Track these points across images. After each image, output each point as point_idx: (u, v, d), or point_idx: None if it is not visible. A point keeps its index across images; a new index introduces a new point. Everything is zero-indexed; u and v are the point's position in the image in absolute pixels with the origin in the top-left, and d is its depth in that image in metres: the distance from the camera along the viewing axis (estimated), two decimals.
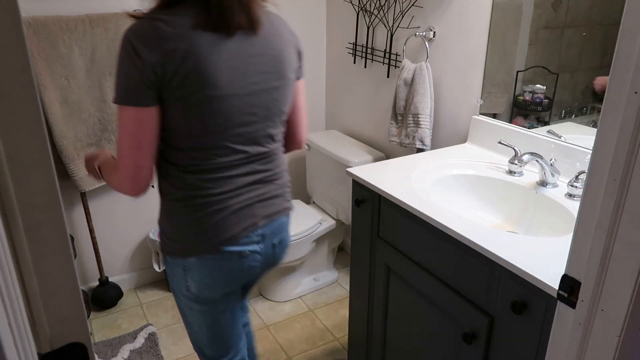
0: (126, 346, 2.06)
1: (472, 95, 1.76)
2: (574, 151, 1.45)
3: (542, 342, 1.03)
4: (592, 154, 0.71)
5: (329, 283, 2.51)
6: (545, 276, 1.00)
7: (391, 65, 2.13)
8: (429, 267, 1.34)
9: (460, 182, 1.54)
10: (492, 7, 1.62)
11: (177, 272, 1.18)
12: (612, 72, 0.66)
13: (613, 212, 0.68)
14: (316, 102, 2.68)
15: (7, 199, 0.45)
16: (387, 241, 1.48)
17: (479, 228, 1.19)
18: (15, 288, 0.44)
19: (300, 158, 2.74)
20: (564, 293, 0.78)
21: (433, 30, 1.86)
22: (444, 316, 1.32)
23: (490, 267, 1.14)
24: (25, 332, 0.45)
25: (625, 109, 0.64)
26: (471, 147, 1.75)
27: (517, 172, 1.50)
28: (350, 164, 2.13)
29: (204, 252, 1.12)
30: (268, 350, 2.08)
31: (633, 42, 0.63)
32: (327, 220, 2.38)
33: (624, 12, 0.64)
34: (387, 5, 2.06)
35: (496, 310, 1.15)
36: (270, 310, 2.32)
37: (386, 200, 1.43)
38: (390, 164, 1.62)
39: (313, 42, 2.54)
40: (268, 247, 1.22)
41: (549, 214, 1.37)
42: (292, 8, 2.40)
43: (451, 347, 1.32)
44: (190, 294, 1.20)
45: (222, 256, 1.13)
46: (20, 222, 0.46)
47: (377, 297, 1.58)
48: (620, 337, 0.70)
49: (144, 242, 2.40)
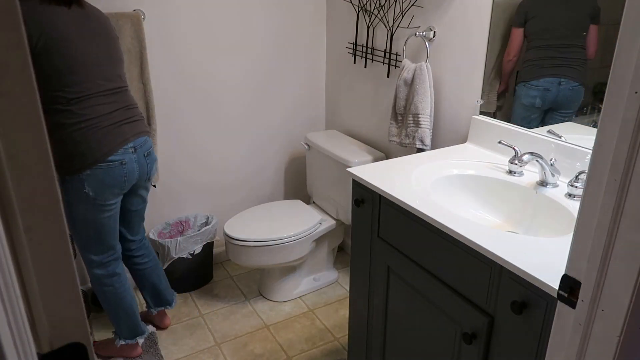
0: None
1: (472, 95, 1.76)
2: (574, 151, 1.45)
3: (542, 342, 1.03)
4: (592, 154, 0.71)
5: (329, 283, 2.51)
6: (545, 276, 1.00)
7: (391, 65, 2.13)
8: (429, 267, 1.34)
9: (460, 182, 1.54)
10: (492, 7, 1.62)
11: (76, 185, 1.63)
12: (612, 72, 0.66)
13: (613, 212, 0.68)
14: (316, 102, 2.68)
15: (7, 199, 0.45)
16: (387, 241, 1.48)
17: (479, 228, 1.19)
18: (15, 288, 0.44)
19: (300, 158, 2.75)
20: (564, 293, 0.78)
21: (433, 30, 1.86)
22: (444, 316, 1.32)
23: (490, 267, 1.14)
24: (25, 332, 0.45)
25: (625, 109, 0.64)
26: (471, 147, 1.75)
27: (517, 172, 1.50)
28: (350, 164, 2.13)
29: (94, 164, 1.62)
30: (268, 350, 2.08)
31: (633, 42, 0.63)
32: (327, 220, 2.38)
33: (624, 12, 0.64)
34: (387, 5, 2.06)
35: (496, 310, 1.15)
36: (270, 310, 2.32)
37: (386, 200, 1.43)
38: (390, 164, 1.62)
39: (313, 42, 2.54)
40: (141, 157, 1.74)
41: (549, 214, 1.37)
42: (292, 8, 2.40)
43: (451, 347, 1.32)
44: (89, 198, 1.66)
45: (107, 165, 1.64)
46: (20, 222, 0.46)
47: (377, 297, 1.58)
48: (620, 337, 0.70)
49: None
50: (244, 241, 2.15)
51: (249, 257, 2.18)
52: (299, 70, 2.57)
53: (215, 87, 2.37)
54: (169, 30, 2.17)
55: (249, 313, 2.30)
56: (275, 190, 2.76)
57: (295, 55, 2.53)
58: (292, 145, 2.69)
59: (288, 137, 2.67)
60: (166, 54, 2.19)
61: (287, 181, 2.77)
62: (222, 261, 2.68)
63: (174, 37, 2.19)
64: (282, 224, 2.26)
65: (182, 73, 2.26)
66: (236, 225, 2.23)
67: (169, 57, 2.21)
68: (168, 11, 2.14)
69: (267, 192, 2.73)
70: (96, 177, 1.64)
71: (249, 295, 2.43)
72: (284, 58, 2.49)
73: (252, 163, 2.61)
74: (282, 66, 2.51)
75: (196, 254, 2.35)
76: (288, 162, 2.73)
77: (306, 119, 2.69)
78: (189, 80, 2.29)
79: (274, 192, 2.76)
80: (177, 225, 2.46)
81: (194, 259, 2.35)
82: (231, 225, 2.23)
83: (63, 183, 1.65)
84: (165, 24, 2.16)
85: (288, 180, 2.77)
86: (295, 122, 2.67)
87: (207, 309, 2.33)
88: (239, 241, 2.15)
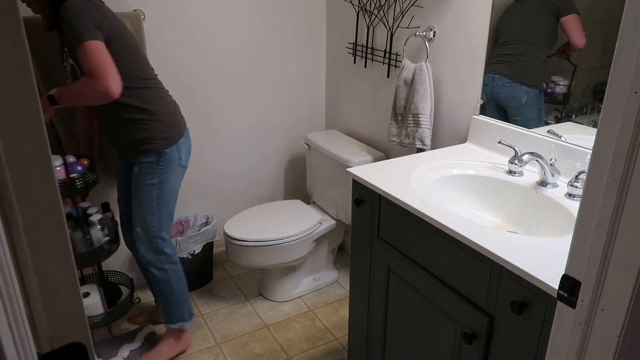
0: (126, 346, 2.06)
1: (472, 95, 1.76)
2: (574, 151, 1.45)
3: (542, 342, 1.03)
4: (592, 154, 0.71)
5: (329, 283, 2.51)
6: (545, 276, 1.00)
7: (391, 65, 2.13)
8: (429, 267, 1.34)
9: (460, 182, 1.54)
10: (492, 7, 1.62)
11: (174, 154, 1.79)
12: (612, 72, 0.66)
13: (613, 212, 0.68)
14: (316, 102, 2.68)
15: (7, 199, 0.45)
16: (387, 241, 1.48)
17: (479, 228, 1.19)
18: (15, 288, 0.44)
19: (301, 158, 2.75)
20: (564, 293, 0.78)
21: (433, 30, 1.86)
22: (444, 316, 1.32)
23: (490, 267, 1.14)
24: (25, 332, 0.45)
25: (625, 109, 0.64)
26: (471, 147, 1.75)
27: (517, 172, 1.50)
28: (350, 164, 2.13)
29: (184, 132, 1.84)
30: (268, 350, 2.08)
31: (633, 42, 0.63)
32: (327, 220, 2.38)
33: (624, 12, 0.64)
34: (387, 5, 2.06)
35: (496, 310, 1.15)
36: (270, 310, 2.32)
37: (386, 200, 1.43)
38: (390, 164, 1.62)
39: (313, 42, 2.54)
40: None
41: (549, 214, 1.37)
42: (292, 8, 2.40)
43: (451, 347, 1.32)
44: (181, 165, 1.83)
45: (187, 132, 1.87)
46: (20, 222, 0.46)
47: (377, 297, 1.58)
48: (620, 337, 0.70)
49: None
50: (244, 241, 2.15)
51: (249, 257, 2.18)
52: (299, 70, 2.57)
53: (214, 87, 2.37)
54: (169, 31, 2.17)
55: (249, 313, 2.30)
56: (275, 190, 2.76)
57: (295, 55, 2.53)
58: (292, 145, 2.69)
59: (288, 137, 2.67)
60: (166, 55, 2.19)
61: (287, 181, 2.77)
62: (222, 261, 2.68)
63: (174, 38, 2.19)
64: (282, 224, 2.26)
65: (181, 74, 2.26)
66: (236, 225, 2.23)
67: (169, 58, 2.21)
68: (168, 11, 2.14)
69: (267, 192, 2.73)
70: (186, 144, 1.84)
71: (249, 295, 2.43)
72: (284, 58, 2.49)
73: (252, 163, 2.61)
74: (282, 66, 2.51)
75: (196, 254, 2.35)
76: (288, 162, 2.73)
77: (306, 119, 2.69)
78: (188, 81, 2.29)
79: (274, 192, 2.76)
80: (177, 225, 2.46)
81: (194, 259, 2.35)
82: (231, 225, 2.23)
83: (159, 160, 1.77)
84: (165, 24, 2.16)
85: (288, 180, 2.77)
86: (295, 122, 2.67)
87: (207, 309, 2.33)
88: (239, 241, 2.15)
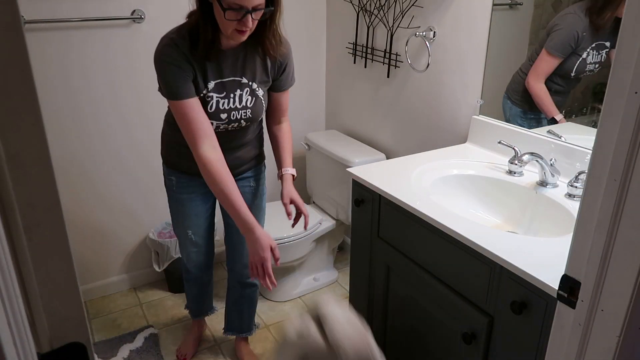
0: (126, 346, 2.06)
1: (472, 95, 1.76)
2: (574, 151, 1.45)
3: (542, 342, 1.03)
4: (592, 154, 0.71)
5: (329, 283, 2.51)
6: (545, 276, 1.00)
7: (391, 65, 2.12)
8: (429, 267, 1.34)
9: (460, 182, 1.54)
10: (492, 7, 1.62)
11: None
12: (612, 72, 0.66)
13: (613, 212, 0.68)
14: (316, 102, 2.68)
15: (7, 199, 0.45)
16: (387, 241, 1.48)
17: (479, 228, 1.20)
18: (15, 288, 0.44)
19: (300, 158, 2.74)
20: (564, 293, 0.78)
21: (433, 30, 1.86)
22: (444, 316, 1.32)
23: (490, 267, 1.14)
24: (25, 332, 0.45)
25: (625, 109, 0.64)
26: (471, 147, 1.75)
27: (517, 172, 1.50)
28: (350, 164, 2.13)
29: None
30: (268, 350, 2.08)
31: (633, 42, 0.63)
32: (327, 220, 2.38)
33: (624, 12, 0.64)
34: (387, 5, 2.06)
35: (496, 310, 1.15)
36: (270, 310, 2.32)
37: (386, 200, 1.43)
38: (390, 164, 1.62)
39: (313, 42, 2.54)
40: None
41: (549, 214, 1.37)
42: (292, 8, 2.40)
43: (451, 347, 1.32)
44: None
45: None
46: (20, 222, 0.46)
47: (377, 297, 1.58)
48: (620, 337, 0.70)
49: (144, 242, 2.40)
50: None
51: None
52: (299, 70, 2.56)
53: None
54: None
55: None
56: (275, 190, 2.76)
57: (295, 55, 2.52)
58: None
59: None
60: None
61: None
62: (222, 261, 2.68)
63: None
64: (281, 224, 2.26)
65: None
66: None
67: None
68: (168, 11, 2.14)
69: (267, 192, 2.73)
70: None
71: None
72: None
73: None
74: None
75: None
76: None
77: (306, 119, 2.69)
78: None
79: (274, 192, 2.76)
80: None
81: None
82: None
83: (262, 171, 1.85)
84: (165, 24, 2.16)
85: None
86: (295, 122, 2.66)
87: None
88: None
